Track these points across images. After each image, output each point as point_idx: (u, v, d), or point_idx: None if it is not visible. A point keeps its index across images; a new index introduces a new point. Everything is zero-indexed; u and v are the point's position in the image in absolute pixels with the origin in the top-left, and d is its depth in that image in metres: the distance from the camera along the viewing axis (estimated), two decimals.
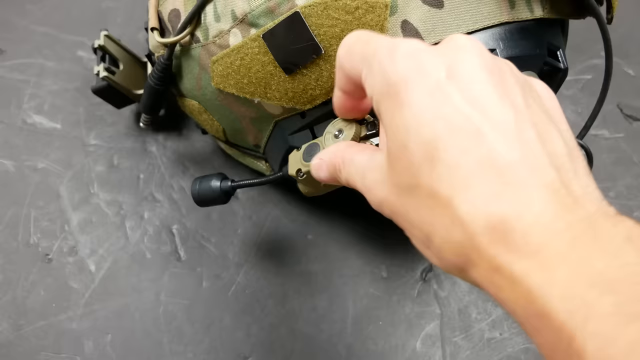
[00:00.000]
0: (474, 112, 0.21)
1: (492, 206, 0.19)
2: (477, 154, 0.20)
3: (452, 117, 0.21)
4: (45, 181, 0.50)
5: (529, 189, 0.19)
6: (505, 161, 0.20)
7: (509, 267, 0.19)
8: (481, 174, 0.20)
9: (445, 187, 0.20)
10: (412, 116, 0.21)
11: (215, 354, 0.43)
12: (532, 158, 0.20)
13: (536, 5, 0.33)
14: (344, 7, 0.30)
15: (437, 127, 0.21)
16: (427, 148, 0.21)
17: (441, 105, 0.21)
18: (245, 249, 0.47)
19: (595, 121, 0.40)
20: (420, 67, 0.22)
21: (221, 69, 0.35)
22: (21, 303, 0.44)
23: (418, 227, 0.22)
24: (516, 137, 0.20)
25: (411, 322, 0.44)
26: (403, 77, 0.22)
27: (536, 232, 0.19)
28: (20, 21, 0.59)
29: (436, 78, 0.21)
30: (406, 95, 0.21)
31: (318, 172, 0.29)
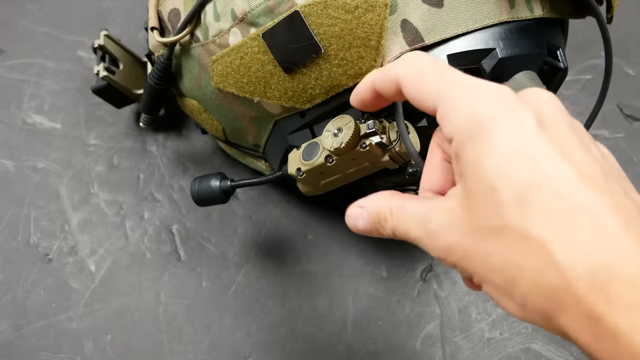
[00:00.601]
0: (565, 161, 0.21)
1: (592, 253, 0.19)
2: (571, 200, 0.20)
3: (545, 164, 0.21)
4: (45, 181, 0.50)
5: (626, 238, 0.19)
6: (598, 209, 0.20)
7: (612, 319, 0.18)
8: (576, 220, 0.20)
9: (539, 229, 0.20)
10: (505, 157, 0.21)
11: (215, 354, 0.43)
12: (624, 209, 0.20)
13: (536, 4, 0.33)
14: (344, 6, 0.30)
15: (531, 171, 0.21)
16: (519, 191, 0.21)
17: (534, 150, 0.21)
18: (245, 249, 0.47)
19: (595, 121, 0.40)
20: (513, 112, 0.22)
21: (221, 69, 0.35)
22: (21, 303, 0.44)
23: (500, 271, 0.22)
24: (605, 188, 0.20)
25: (411, 322, 0.44)
26: (494, 118, 0.22)
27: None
28: (20, 21, 0.59)
29: (528, 124, 0.21)
30: (498, 137, 0.21)
31: (356, 221, 0.27)
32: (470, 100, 0.22)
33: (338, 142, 0.31)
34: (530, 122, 0.22)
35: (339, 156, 0.32)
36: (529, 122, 0.22)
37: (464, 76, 0.24)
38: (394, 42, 0.31)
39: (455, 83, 0.23)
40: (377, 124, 0.30)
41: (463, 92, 0.23)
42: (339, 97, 0.34)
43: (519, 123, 0.22)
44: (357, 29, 0.31)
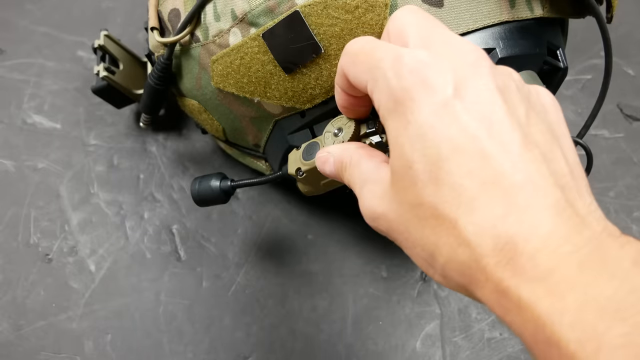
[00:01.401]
0: (480, 132, 0.20)
1: (499, 228, 0.19)
2: (482, 175, 0.20)
3: (458, 138, 0.20)
4: (45, 181, 0.50)
5: (535, 210, 0.19)
6: (510, 182, 0.20)
7: (517, 291, 0.19)
8: (487, 196, 0.20)
9: (451, 208, 0.20)
10: (417, 136, 0.21)
11: (215, 354, 0.43)
12: (537, 178, 0.20)
13: (536, 4, 0.33)
14: (344, 6, 0.30)
15: (443, 148, 0.20)
16: (432, 168, 0.21)
17: (447, 125, 0.21)
18: (245, 249, 0.47)
19: (595, 121, 0.40)
20: (426, 84, 0.21)
21: (221, 69, 0.35)
22: (21, 303, 0.44)
23: (420, 245, 0.22)
24: (521, 157, 0.20)
25: (411, 322, 0.44)
26: (408, 94, 0.22)
27: (544, 256, 0.19)
28: (20, 21, 0.59)
29: (442, 96, 0.21)
30: (412, 113, 0.21)
31: (324, 165, 0.29)
32: (387, 73, 0.22)
33: (338, 142, 0.31)
34: (444, 93, 0.21)
35: None
36: (443, 92, 0.21)
37: (390, 50, 0.23)
38: None
39: (381, 58, 0.23)
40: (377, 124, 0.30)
41: (385, 68, 0.23)
42: None
43: (432, 95, 0.21)
44: (357, 29, 0.31)
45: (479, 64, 0.22)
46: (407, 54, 0.22)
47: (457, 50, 0.23)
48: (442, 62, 0.22)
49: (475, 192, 0.20)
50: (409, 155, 0.21)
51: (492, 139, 0.20)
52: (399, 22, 0.25)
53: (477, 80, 0.22)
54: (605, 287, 0.18)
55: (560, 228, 0.19)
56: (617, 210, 0.50)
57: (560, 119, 0.24)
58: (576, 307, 0.18)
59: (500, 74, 0.22)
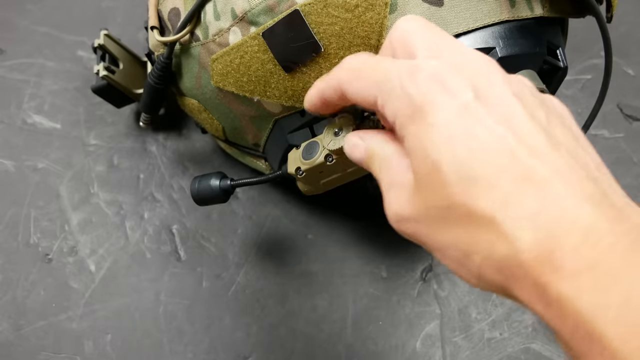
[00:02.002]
0: (506, 132, 0.21)
1: (538, 221, 0.19)
2: (514, 172, 0.20)
3: (485, 137, 0.21)
4: (45, 181, 0.50)
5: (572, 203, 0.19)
6: (542, 176, 0.20)
7: (557, 286, 0.18)
8: (521, 191, 0.20)
9: (486, 204, 0.20)
10: (443, 137, 0.21)
11: (215, 354, 0.43)
12: (569, 172, 0.20)
13: (536, 3, 0.33)
14: (344, 5, 0.30)
15: (471, 147, 0.21)
16: (461, 168, 0.21)
17: (472, 125, 0.21)
18: (245, 249, 0.47)
19: (595, 121, 0.40)
20: (447, 89, 0.22)
21: (221, 68, 0.35)
22: (21, 303, 0.44)
23: (453, 247, 0.22)
24: (549, 154, 0.20)
25: (411, 322, 0.44)
26: (429, 99, 0.22)
27: (586, 248, 0.18)
28: (20, 21, 0.59)
29: (464, 99, 0.21)
30: (434, 116, 0.21)
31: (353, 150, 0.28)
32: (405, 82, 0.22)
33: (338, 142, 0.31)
34: (465, 97, 0.21)
35: (338, 155, 0.32)
36: (464, 96, 0.21)
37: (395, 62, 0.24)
38: None
39: (389, 70, 0.23)
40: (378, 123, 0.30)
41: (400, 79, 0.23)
42: None
43: (454, 98, 0.21)
44: (357, 27, 0.31)
45: (492, 72, 0.23)
46: (422, 63, 0.23)
47: (468, 59, 0.23)
48: (457, 69, 0.22)
49: (509, 188, 0.20)
50: (436, 157, 0.21)
51: (518, 139, 0.20)
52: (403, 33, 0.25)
53: (494, 86, 0.22)
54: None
55: (600, 219, 0.19)
56: None
57: (574, 124, 0.24)
58: (620, 301, 0.17)
59: (514, 81, 0.23)
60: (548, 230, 0.19)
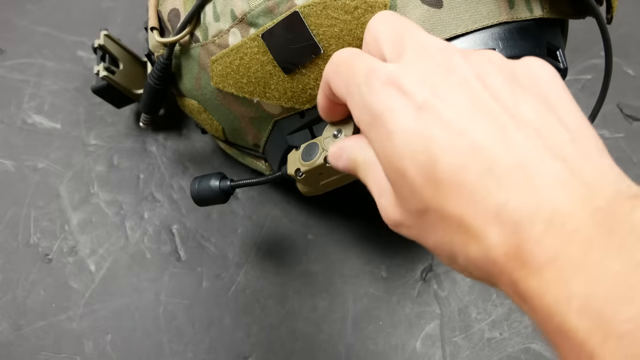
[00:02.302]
0: (465, 125, 0.20)
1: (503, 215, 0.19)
2: (476, 167, 0.19)
3: (443, 136, 0.20)
4: (45, 181, 0.50)
5: (535, 190, 0.18)
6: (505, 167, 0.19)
7: (525, 283, 0.18)
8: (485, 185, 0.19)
9: (453, 206, 0.20)
10: (404, 143, 0.21)
11: (215, 354, 0.43)
12: (533, 156, 0.19)
13: (535, 5, 0.33)
14: (343, 7, 0.30)
15: (432, 150, 0.20)
16: (425, 172, 0.20)
17: (430, 125, 0.20)
18: (245, 249, 0.47)
19: (595, 121, 0.40)
20: (402, 92, 0.21)
21: (220, 69, 0.35)
22: (21, 303, 0.44)
23: (440, 247, 0.22)
24: (512, 140, 0.20)
25: (411, 322, 0.44)
26: (386, 105, 0.21)
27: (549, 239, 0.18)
28: (20, 21, 0.59)
29: (420, 98, 0.21)
30: (392, 123, 0.21)
31: (337, 161, 0.28)
32: (362, 90, 0.23)
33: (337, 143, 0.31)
34: (421, 97, 0.21)
35: None
36: (420, 96, 0.21)
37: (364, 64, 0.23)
38: None
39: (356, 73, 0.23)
40: None
41: (359, 84, 0.23)
42: None
43: (410, 102, 0.21)
44: (356, 29, 0.31)
45: (449, 60, 0.22)
46: (379, 69, 0.23)
47: (427, 53, 0.23)
48: (414, 68, 0.22)
49: (473, 185, 0.19)
50: (399, 164, 0.21)
51: (478, 128, 0.20)
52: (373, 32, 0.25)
53: (451, 76, 0.21)
54: (613, 264, 0.16)
55: (563, 204, 0.18)
56: None
57: (556, 87, 0.22)
58: (583, 292, 0.17)
59: (475, 62, 0.22)
60: (513, 223, 0.18)
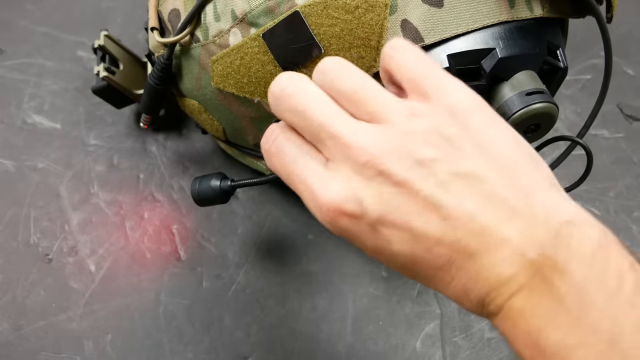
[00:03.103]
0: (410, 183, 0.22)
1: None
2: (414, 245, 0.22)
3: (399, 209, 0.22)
4: (45, 181, 0.50)
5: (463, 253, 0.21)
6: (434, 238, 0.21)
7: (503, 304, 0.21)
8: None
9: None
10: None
11: (215, 354, 0.43)
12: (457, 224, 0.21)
13: (536, 4, 0.33)
14: (344, 7, 0.30)
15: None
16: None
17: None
18: (245, 249, 0.47)
19: (595, 121, 0.40)
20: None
21: (221, 69, 0.35)
22: (21, 303, 0.44)
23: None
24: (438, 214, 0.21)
25: (411, 322, 0.44)
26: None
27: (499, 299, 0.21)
28: (20, 21, 0.59)
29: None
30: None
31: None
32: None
33: None
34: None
35: None
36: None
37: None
38: None
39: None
40: None
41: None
42: None
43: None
44: (357, 29, 0.31)
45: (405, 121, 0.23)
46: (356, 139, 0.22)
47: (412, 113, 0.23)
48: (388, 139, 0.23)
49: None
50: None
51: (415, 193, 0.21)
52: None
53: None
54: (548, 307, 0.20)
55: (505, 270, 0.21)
56: (617, 210, 0.50)
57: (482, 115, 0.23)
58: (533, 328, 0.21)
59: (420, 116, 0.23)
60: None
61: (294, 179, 0.23)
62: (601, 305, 0.19)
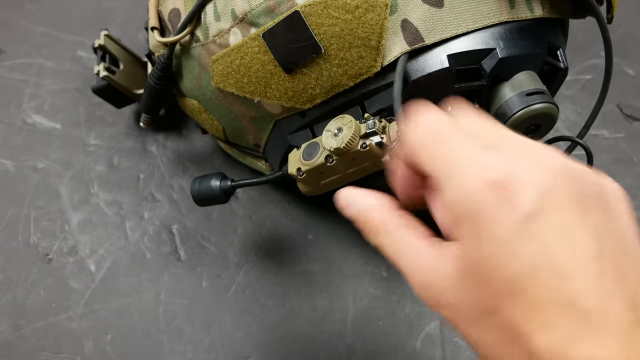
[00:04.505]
0: (559, 250, 0.20)
1: (573, 350, 0.19)
2: (560, 296, 0.20)
3: (538, 256, 0.20)
4: (45, 181, 0.50)
5: (606, 336, 0.19)
6: (586, 306, 0.19)
7: None
8: (563, 316, 0.20)
9: (526, 322, 0.20)
10: (496, 249, 0.20)
11: (215, 354, 0.43)
12: (612, 303, 0.20)
13: (536, 4, 0.33)
14: (344, 6, 0.30)
15: (523, 265, 0.20)
16: (511, 284, 0.20)
17: (527, 242, 0.20)
18: (245, 249, 0.47)
19: (595, 121, 0.40)
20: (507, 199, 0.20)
21: (221, 68, 0.35)
22: (21, 303, 0.44)
23: (483, 347, 0.22)
24: (598, 280, 0.20)
25: (411, 322, 0.44)
26: (488, 203, 0.21)
27: None
28: (20, 21, 0.59)
29: (523, 212, 0.20)
30: (489, 225, 0.21)
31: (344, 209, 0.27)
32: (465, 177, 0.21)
33: (338, 142, 0.31)
34: (525, 210, 0.20)
35: (339, 156, 0.32)
36: (524, 209, 0.20)
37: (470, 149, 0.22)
38: (394, 42, 0.31)
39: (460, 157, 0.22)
40: (378, 124, 0.30)
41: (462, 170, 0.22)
42: (339, 97, 0.34)
43: (512, 212, 0.20)
44: (357, 28, 0.31)
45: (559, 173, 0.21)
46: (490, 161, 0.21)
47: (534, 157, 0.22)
48: (523, 174, 0.21)
49: (552, 312, 0.20)
50: (486, 266, 0.21)
51: (571, 258, 0.20)
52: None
53: (558, 193, 0.21)
54: None
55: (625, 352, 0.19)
56: None
57: (630, 221, 0.22)
58: None
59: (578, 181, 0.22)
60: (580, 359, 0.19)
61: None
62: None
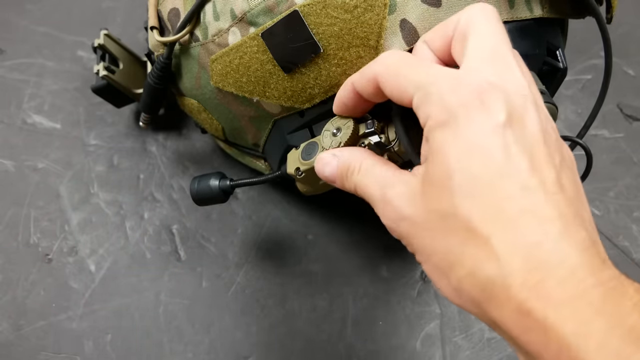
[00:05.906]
0: (524, 164, 0.22)
1: (531, 253, 0.21)
2: (522, 203, 0.21)
3: (504, 163, 0.22)
4: (45, 181, 0.50)
5: (565, 244, 0.21)
6: (546, 215, 0.21)
7: (543, 313, 0.20)
8: (524, 222, 0.21)
9: (486, 224, 0.21)
10: (465, 150, 0.22)
11: (215, 354, 0.43)
12: (569, 217, 0.21)
13: (535, 4, 0.33)
14: (343, 6, 0.30)
15: (488, 168, 0.22)
16: (474, 184, 0.22)
17: (496, 148, 0.22)
18: (245, 249, 0.47)
19: (595, 121, 0.40)
20: (484, 105, 0.22)
21: (220, 68, 0.35)
22: (21, 303, 0.44)
23: (441, 254, 0.23)
24: (556, 196, 0.22)
25: (411, 322, 0.44)
26: (465, 111, 0.22)
27: (571, 284, 0.20)
28: (20, 21, 0.59)
29: (497, 120, 0.22)
30: (465, 126, 0.22)
31: (324, 167, 0.30)
32: (444, 89, 0.23)
33: (337, 142, 0.31)
34: (498, 119, 0.22)
35: None
36: (497, 118, 0.22)
37: (439, 67, 0.24)
38: (393, 42, 0.31)
39: (431, 74, 0.24)
40: (376, 124, 0.30)
41: (437, 82, 0.24)
42: None
43: (488, 118, 0.22)
44: (356, 28, 0.31)
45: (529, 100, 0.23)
46: (466, 77, 0.23)
47: (513, 78, 0.24)
48: (500, 89, 0.23)
49: (513, 216, 0.21)
50: (453, 166, 0.22)
51: (534, 173, 0.22)
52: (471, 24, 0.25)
53: (526, 114, 0.23)
54: (628, 318, 0.19)
55: (586, 263, 0.20)
56: (617, 210, 0.50)
57: (578, 176, 0.25)
58: (602, 332, 0.19)
59: (543, 117, 0.24)
60: (539, 262, 0.20)
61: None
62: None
